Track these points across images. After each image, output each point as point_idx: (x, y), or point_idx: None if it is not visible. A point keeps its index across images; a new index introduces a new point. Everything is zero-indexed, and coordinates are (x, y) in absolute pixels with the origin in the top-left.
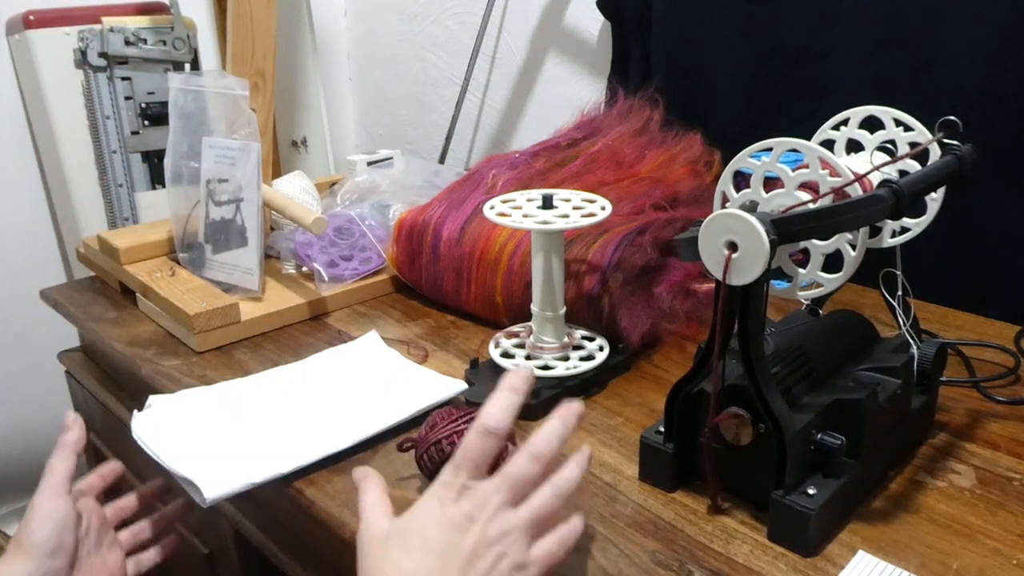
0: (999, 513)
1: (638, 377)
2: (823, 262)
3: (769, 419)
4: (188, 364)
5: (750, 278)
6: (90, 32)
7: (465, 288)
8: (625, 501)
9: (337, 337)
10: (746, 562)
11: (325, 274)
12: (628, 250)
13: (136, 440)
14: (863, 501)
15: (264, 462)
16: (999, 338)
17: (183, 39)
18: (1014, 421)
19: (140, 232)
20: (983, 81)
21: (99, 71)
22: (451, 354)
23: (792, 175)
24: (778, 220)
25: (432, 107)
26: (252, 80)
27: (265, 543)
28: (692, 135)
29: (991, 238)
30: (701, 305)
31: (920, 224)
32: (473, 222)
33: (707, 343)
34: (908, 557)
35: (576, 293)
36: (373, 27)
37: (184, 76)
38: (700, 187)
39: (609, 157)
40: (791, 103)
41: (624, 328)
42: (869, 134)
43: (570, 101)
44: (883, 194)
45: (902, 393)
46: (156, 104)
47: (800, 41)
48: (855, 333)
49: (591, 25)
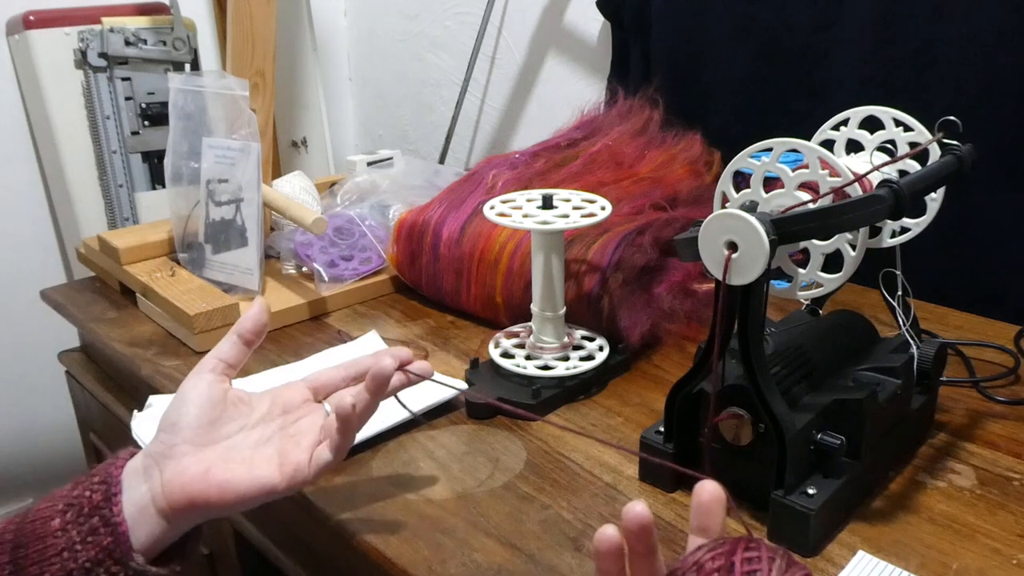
0: (999, 513)
1: (638, 377)
2: (823, 262)
3: (769, 419)
4: (188, 364)
5: (750, 278)
6: (90, 32)
7: (465, 288)
8: (625, 501)
9: (337, 337)
10: None
11: (325, 274)
12: (628, 250)
13: (136, 440)
14: (863, 501)
15: None
16: (999, 338)
17: (183, 39)
18: (1014, 421)
19: (140, 232)
20: (983, 81)
21: (99, 71)
22: (451, 354)
23: (792, 175)
24: (778, 220)
25: (432, 107)
26: (252, 80)
27: (265, 543)
28: (692, 135)
29: (991, 238)
30: (701, 305)
31: (920, 224)
32: (473, 222)
33: (707, 343)
34: (908, 557)
35: (576, 293)
36: (373, 27)
37: (184, 76)
38: (700, 187)
39: (609, 157)
40: (791, 103)
41: (624, 328)
42: (869, 134)
43: (570, 101)
44: (883, 194)
45: (902, 393)
46: (156, 104)
47: (800, 41)
48: (855, 333)
49: (591, 25)
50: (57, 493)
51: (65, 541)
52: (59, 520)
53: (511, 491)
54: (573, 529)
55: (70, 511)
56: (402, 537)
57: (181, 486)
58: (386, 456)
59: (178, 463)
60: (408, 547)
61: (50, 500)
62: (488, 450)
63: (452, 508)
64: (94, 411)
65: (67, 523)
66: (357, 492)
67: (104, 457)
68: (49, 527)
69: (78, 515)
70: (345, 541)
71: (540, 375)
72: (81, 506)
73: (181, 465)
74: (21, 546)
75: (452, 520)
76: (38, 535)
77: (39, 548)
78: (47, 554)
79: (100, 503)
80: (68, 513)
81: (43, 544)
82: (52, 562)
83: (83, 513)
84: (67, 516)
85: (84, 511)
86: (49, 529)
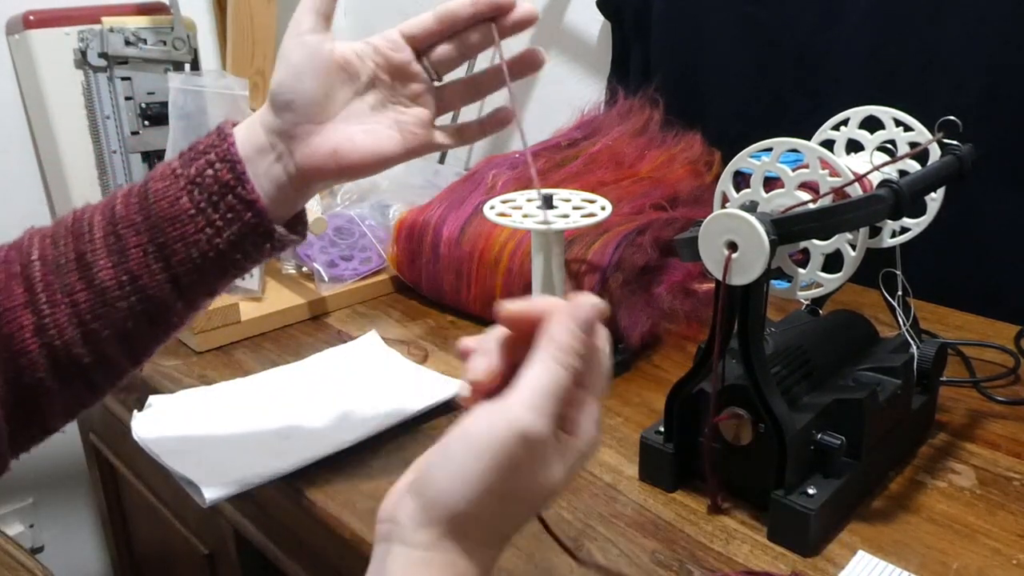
0: (999, 513)
1: (638, 377)
2: (823, 262)
3: (769, 419)
4: (188, 364)
5: (750, 278)
6: (90, 32)
7: (465, 288)
8: (625, 501)
9: (337, 337)
10: (746, 562)
11: (325, 274)
12: (628, 250)
13: (136, 440)
14: (863, 501)
15: (264, 462)
16: (999, 338)
17: (183, 39)
18: (1014, 421)
19: None
20: (983, 81)
21: (99, 71)
22: (451, 354)
23: (792, 175)
24: (778, 220)
25: None
26: (252, 80)
27: (265, 543)
28: (692, 135)
29: (991, 238)
30: (701, 305)
31: (920, 224)
32: (473, 222)
33: (707, 343)
34: (908, 557)
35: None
36: (373, 27)
37: (184, 76)
38: (700, 187)
39: (609, 157)
40: (791, 103)
41: (624, 328)
42: (869, 134)
43: (570, 101)
44: (883, 194)
45: (902, 393)
46: (156, 104)
47: (800, 41)
48: (855, 333)
49: (591, 25)
50: (162, 171)
51: (204, 219)
52: (187, 199)
53: None
54: (573, 529)
55: (196, 190)
56: None
57: (313, 166)
58: (386, 456)
59: (306, 144)
60: None
61: (162, 180)
62: None
63: None
64: (94, 411)
65: (199, 202)
66: (357, 492)
67: (104, 457)
68: (180, 206)
69: (209, 194)
70: (345, 541)
71: None
72: (209, 185)
73: (310, 147)
74: (156, 227)
75: None
76: (171, 216)
77: (179, 228)
78: (188, 231)
79: (230, 182)
80: (196, 192)
81: (181, 224)
82: (197, 239)
83: (215, 192)
84: (196, 195)
85: (215, 189)
86: (181, 208)
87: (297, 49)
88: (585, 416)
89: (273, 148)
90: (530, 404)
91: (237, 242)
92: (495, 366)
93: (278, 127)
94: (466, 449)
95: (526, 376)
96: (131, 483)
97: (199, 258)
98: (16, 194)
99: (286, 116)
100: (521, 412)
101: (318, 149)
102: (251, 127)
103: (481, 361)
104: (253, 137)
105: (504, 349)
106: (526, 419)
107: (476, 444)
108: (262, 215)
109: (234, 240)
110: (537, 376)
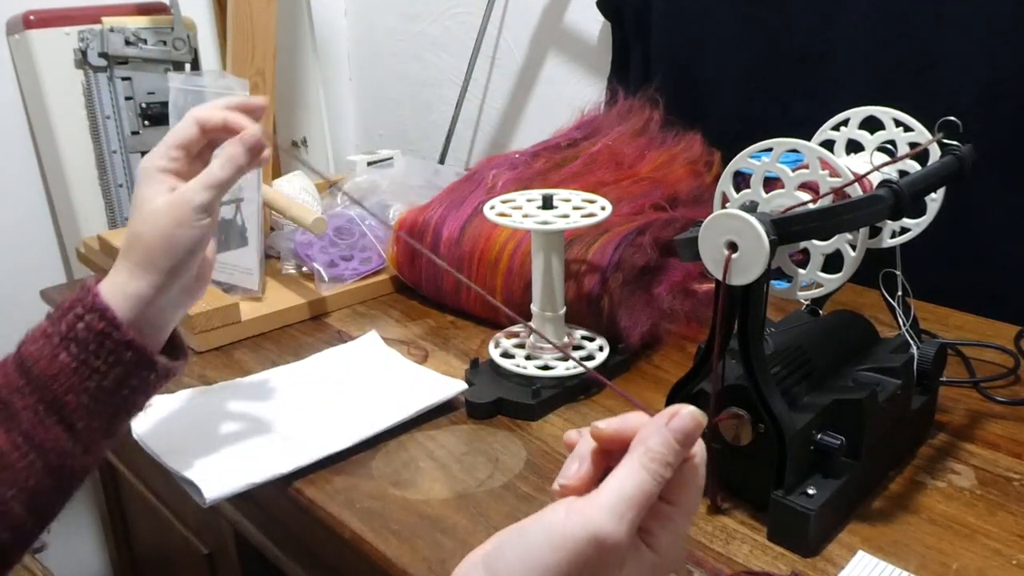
0: (999, 513)
1: (638, 377)
2: (823, 262)
3: (769, 419)
4: (188, 364)
5: (750, 278)
6: (90, 32)
7: (465, 288)
8: None
9: (337, 337)
10: (746, 562)
11: (325, 274)
12: (628, 250)
13: (136, 440)
14: (863, 501)
15: (264, 462)
16: (999, 338)
17: (183, 39)
18: (1014, 421)
19: None
20: (983, 81)
21: (99, 71)
22: (451, 354)
23: (792, 175)
24: (778, 220)
25: (432, 107)
26: (252, 80)
27: (265, 543)
28: (692, 135)
29: (991, 238)
30: (701, 305)
31: (920, 224)
32: (473, 222)
33: (707, 343)
34: (908, 557)
35: (576, 293)
36: (373, 27)
37: (184, 76)
38: (700, 187)
39: (609, 157)
40: (791, 103)
41: (624, 328)
42: (869, 134)
43: (570, 101)
44: (883, 194)
45: (902, 393)
46: (156, 104)
47: (800, 41)
48: (855, 333)
49: (591, 25)
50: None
51: (88, 368)
52: (65, 354)
53: (511, 491)
54: None
55: (72, 344)
56: (402, 537)
57: None
58: (386, 456)
59: None
60: (408, 547)
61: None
62: (488, 450)
63: (452, 508)
64: None
65: (78, 354)
66: (357, 492)
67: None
68: (60, 362)
69: (86, 345)
70: (345, 541)
71: (540, 375)
72: (83, 338)
73: None
74: (43, 387)
75: (452, 520)
76: (53, 374)
77: (64, 382)
78: (76, 383)
79: (104, 328)
80: (72, 346)
81: (66, 377)
82: (86, 386)
83: (90, 341)
84: (72, 349)
85: (90, 339)
86: (62, 364)
87: None
88: (668, 532)
89: None
90: (608, 507)
91: (123, 379)
92: (585, 474)
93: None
94: (540, 537)
95: (611, 479)
96: (131, 483)
97: (90, 403)
98: (16, 194)
99: None
100: (598, 514)
101: None
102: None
103: (574, 467)
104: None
105: (599, 455)
106: (600, 521)
107: (550, 535)
108: (141, 351)
109: (120, 377)
110: (621, 480)
